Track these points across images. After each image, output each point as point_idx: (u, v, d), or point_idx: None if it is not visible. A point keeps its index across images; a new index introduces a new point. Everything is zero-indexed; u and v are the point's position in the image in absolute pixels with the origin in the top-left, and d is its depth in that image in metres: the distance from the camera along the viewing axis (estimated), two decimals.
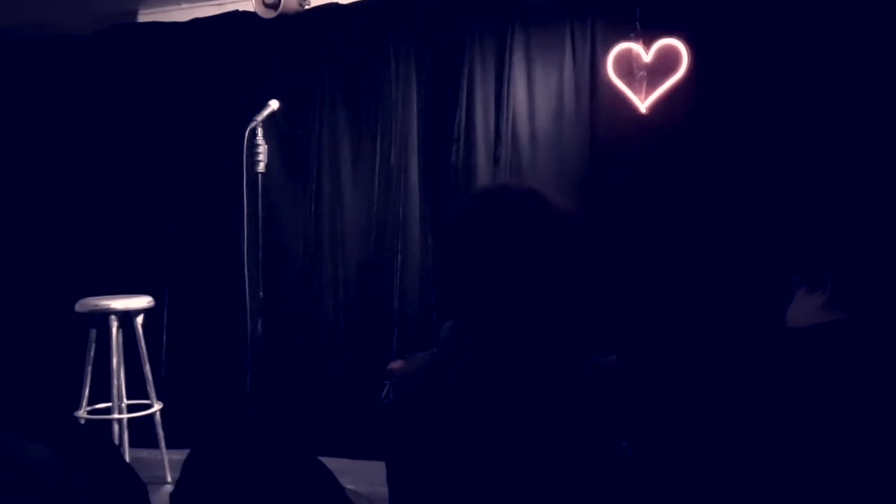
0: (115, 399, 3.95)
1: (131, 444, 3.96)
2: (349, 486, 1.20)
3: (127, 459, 1.23)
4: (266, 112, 3.78)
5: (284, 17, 4.39)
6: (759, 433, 1.41)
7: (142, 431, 4.09)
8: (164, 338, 4.62)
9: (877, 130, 3.55)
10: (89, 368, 3.97)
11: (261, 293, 3.85)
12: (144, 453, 4.09)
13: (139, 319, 4.00)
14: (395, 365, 1.42)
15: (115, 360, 3.92)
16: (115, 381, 3.94)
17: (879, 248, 1.48)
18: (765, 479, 1.39)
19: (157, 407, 4.05)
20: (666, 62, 3.86)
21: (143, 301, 4.00)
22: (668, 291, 3.84)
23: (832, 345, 1.42)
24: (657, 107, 3.89)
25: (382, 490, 1.46)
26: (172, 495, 1.11)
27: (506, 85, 4.17)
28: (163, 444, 4.04)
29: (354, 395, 4.28)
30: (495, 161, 4.19)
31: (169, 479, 4.00)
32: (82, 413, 3.95)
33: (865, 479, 1.33)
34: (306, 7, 4.48)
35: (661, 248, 3.87)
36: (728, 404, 1.49)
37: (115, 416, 3.94)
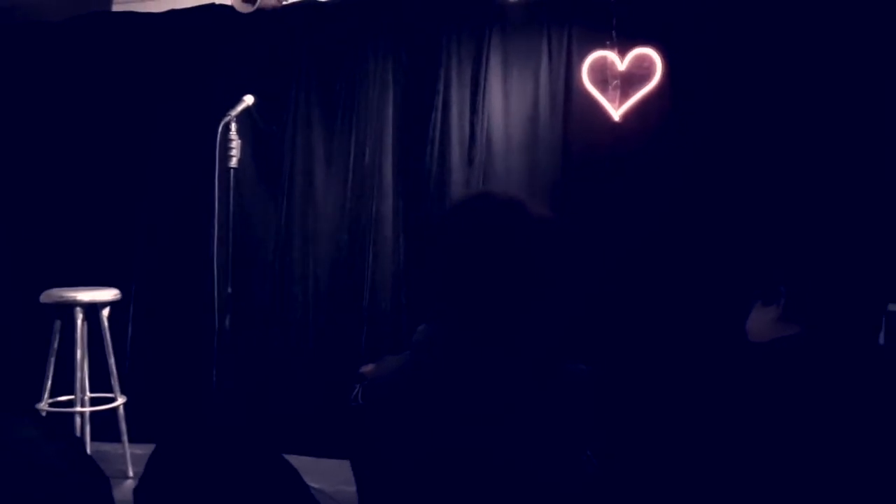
0: (78, 392, 3.91)
1: (93, 438, 3.92)
2: (314, 485, 1.19)
3: (88, 453, 1.22)
4: (240, 107, 3.76)
5: (262, 13, 4.37)
6: (720, 448, 1.44)
7: (104, 425, 4.05)
8: (130, 331, 4.57)
9: (839, 148, 3.62)
10: (52, 360, 3.92)
11: (229, 289, 3.82)
12: (106, 447, 4.06)
13: (105, 312, 3.96)
14: (367, 368, 1.43)
15: (79, 353, 3.88)
16: (78, 374, 3.90)
17: (831, 264, 1.52)
18: (724, 493, 1.41)
19: (120, 401, 4.01)
20: (640, 71, 3.90)
21: (109, 293, 3.97)
22: (633, 300, 3.88)
23: (784, 360, 1.45)
24: (630, 115, 3.93)
25: (347, 489, 1.47)
26: (136, 491, 1.11)
27: (482, 88, 4.19)
28: (125, 438, 4.00)
29: (322, 394, 4.27)
30: (469, 163, 4.21)
31: (131, 474, 3.96)
32: (44, 405, 3.90)
33: (821, 494, 1.36)
34: (284, 3, 4.46)
35: (629, 257, 3.91)
36: (688, 418, 1.52)
37: (78, 408, 3.89)
